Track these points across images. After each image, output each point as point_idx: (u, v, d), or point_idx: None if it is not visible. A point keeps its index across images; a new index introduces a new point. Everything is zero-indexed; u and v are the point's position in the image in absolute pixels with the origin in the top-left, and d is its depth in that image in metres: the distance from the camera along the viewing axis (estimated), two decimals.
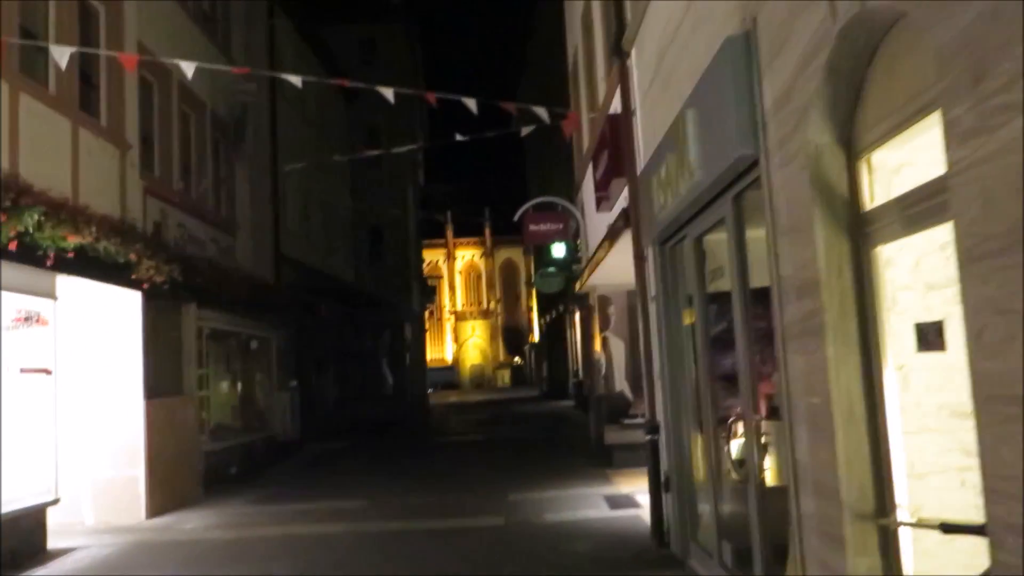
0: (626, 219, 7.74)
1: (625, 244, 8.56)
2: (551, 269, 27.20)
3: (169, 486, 10.75)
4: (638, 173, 7.44)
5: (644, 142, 7.38)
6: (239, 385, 15.86)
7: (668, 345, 6.91)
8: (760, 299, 4.95)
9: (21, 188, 7.58)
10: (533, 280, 42.42)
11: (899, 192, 3.18)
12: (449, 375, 73.61)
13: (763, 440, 4.93)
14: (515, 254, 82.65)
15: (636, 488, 10.41)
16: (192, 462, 11.71)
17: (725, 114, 4.26)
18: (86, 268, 8.84)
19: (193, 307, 12.30)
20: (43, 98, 9.20)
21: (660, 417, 7.31)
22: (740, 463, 5.49)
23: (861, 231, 3.40)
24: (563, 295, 29.39)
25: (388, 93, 8.63)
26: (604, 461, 12.69)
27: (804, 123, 3.47)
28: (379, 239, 28.11)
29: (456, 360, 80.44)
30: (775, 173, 3.88)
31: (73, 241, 8.16)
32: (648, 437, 7.45)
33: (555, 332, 35.98)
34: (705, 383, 6.00)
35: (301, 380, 19.20)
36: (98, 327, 10.28)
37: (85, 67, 10.48)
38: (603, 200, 9.87)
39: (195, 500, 11.23)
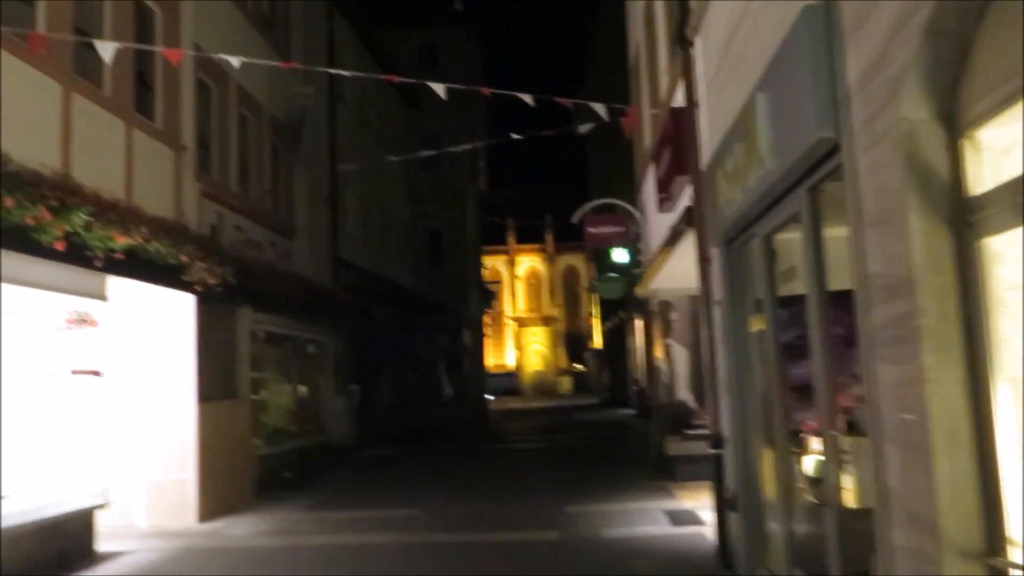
0: (689, 218, 7.28)
1: (688, 246, 8.09)
2: (612, 275, 26.75)
3: (221, 490, 10.63)
4: (702, 169, 6.98)
5: (709, 136, 6.91)
6: (295, 389, 15.78)
7: (734, 353, 6.42)
8: (837, 303, 4.50)
9: (69, 188, 7.49)
10: (593, 286, 41.89)
11: (1010, 176, 2.70)
12: (510, 381, 73.35)
13: (842, 458, 4.44)
14: (577, 261, 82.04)
15: (699, 503, 9.89)
16: (245, 466, 11.59)
17: (801, 94, 3.81)
18: (136, 269, 8.75)
19: (248, 310, 12.21)
20: (97, 99, 9.16)
21: (726, 430, 6.82)
22: (815, 481, 4.99)
23: (964, 221, 2.92)
24: (624, 301, 28.81)
25: (440, 89, 8.36)
26: (665, 473, 12.16)
27: (896, 97, 3.01)
28: (438, 244, 27.99)
29: (518, 366, 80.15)
30: (860, 157, 3.42)
31: (122, 242, 8.05)
32: (713, 451, 6.95)
33: (616, 339, 35.37)
34: (775, 394, 5.50)
35: (358, 384, 19.11)
36: (151, 329, 10.23)
37: (141, 68, 10.46)
38: (665, 200, 9.41)
39: (247, 505, 11.10)
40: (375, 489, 12.68)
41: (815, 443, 5.34)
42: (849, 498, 4.50)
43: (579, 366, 76.89)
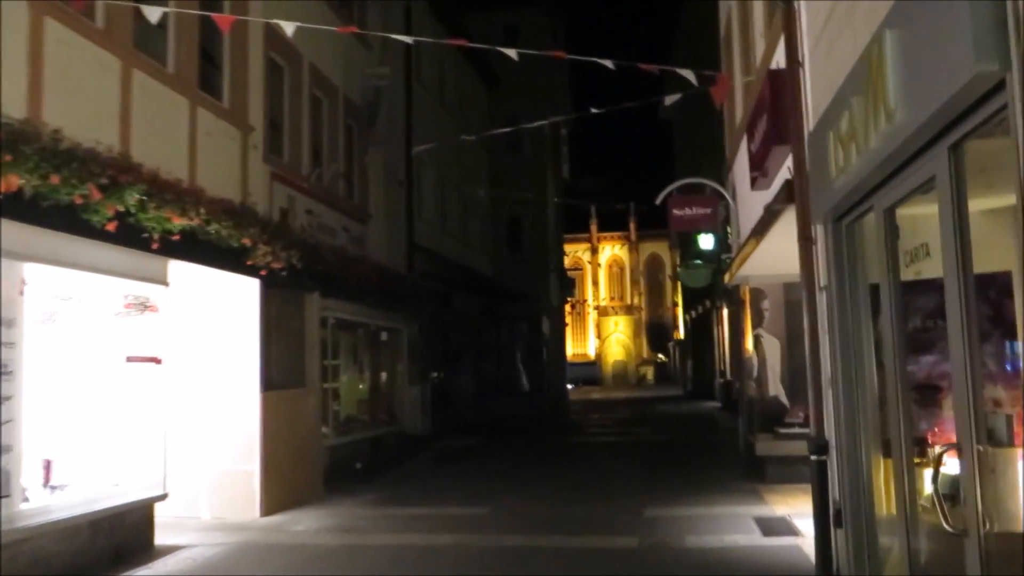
0: (789, 193, 6.43)
1: (786, 225, 7.23)
2: (697, 262, 25.62)
3: (287, 482, 10.28)
4: (806, 136, 6.12)
5: (814, 98, 6.05)
6: (368, 377, 15.44)
7: (842, 346, 5.57)
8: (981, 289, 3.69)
9: (122, 166, 7.14)
10: (677, 274, 40.66)
11: None
12: (591, 371, 72.59)
13: (988, 475, 3.62)
14: (660, 248, 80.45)
15: (793, 510, 9.03)
16: (313, 457, 11.24)
17: (952, 19, 3.00)
18: (196, 252, 8.40)
19: (316, 296, 11.84)
20: (159, 76, 8.83)
21: (830, 434, 5.97)
22: (949, 498, 4.17)
23: None
24: (710, 290, 27.65)
25: (512, 54, 7.71)
26: (754, 474, 11.29)
27: None
28: (517, 230, 27.37)
29: (599, 356, 79.26)
30: None
31: (179, 223, 7.69)
32: (814, 457, 6.11)
33: (701, 329, 34.19)
34: (895, 395, 4.66)
35: (434, 373, 18.71)
36: (214, 315, 9.93)
37: (207, 46, 10.14)
38: (759, 177, 8.52)
39: (315, 496, 10.74)
40: (446, 483, 12.17)
41: (946, 455, 4.52)
42: (997, 521, 3.69)
43: (661, 356, 75.46)
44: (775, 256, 9.20)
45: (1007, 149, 3.44)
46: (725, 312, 26.31)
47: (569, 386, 41.50)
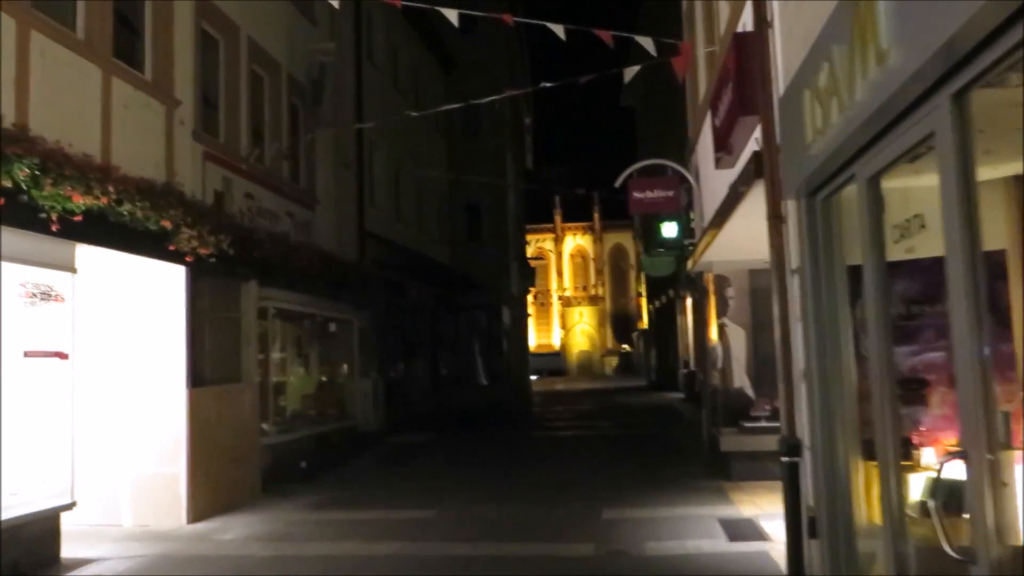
0: (757, 167, 5.82)
1: (753, 204, 6.63)
2: (660, 250, 25.13)
3: (218, 485, 9.51)
4: (776, 102, 5.51)
5: (784, 59, 5.44)
6: (315, 371, 14.66)
7: (817, 335, 4.97)
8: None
9: (10, 136, 6.31)
10: (641, 262, 40.24)
11: None
12: (556, 361, 72.15)
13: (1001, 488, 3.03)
14: (624, 239, 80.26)
15: (760, 511, 8.49)
16: (248, 457, 10.47)
17: None
18: (107, 236, 7.60)
19: (253, 285, 11.04)
20: (65, 41, 7.96)
21: (803, 432, 5.38)
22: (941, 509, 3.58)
23: None
24: (674, 279, 27.21)
25: (453, 16, 6.99)
26: (719, 471, 10.75)
27: None
28: (476, 217, 26.61)
29: (563, 346, 78.91)
30: None
31: (82, 202, 6.87)
32: (785, 458, 5.52)
33: (664, 319, 33.79)
34: (880, 389, 4.06)
35: (387, 366, 17.96)
36: (136, 306, 9.10)
37: (125, 12, 9.27)
38: (723, 155, 7.93)
39: (249, 500, 9.98)
40: (393, 483, 11.47)
41: (935, 458, 3.95)
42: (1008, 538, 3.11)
43: (626, 347, 75.29)
44: (741, 240, 8.63)
45: (1014, 105, 2.84)
46: (689, 301, 25.88)
47: (533, 377, 40.96)
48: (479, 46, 27.17)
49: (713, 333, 11.97)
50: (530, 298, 41.85)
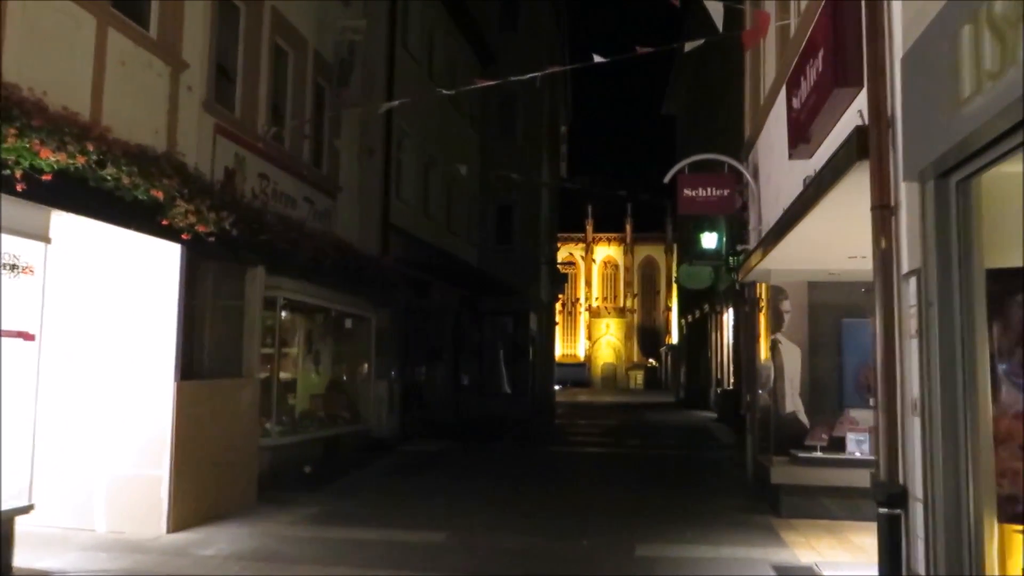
0: (861, 145, 4.68)
1: (842, 196, 5.53)
2: (698, 263, 23.91)
3: (206, 490, 8.52)
4: (894, 63, 4.40)
5: (909, 9, 4.33)
6: (327, 369, 13.69)
7: (942, 357, 3.85)
8: None
9: None
10: (676, 275, 38.98)
11: None
12: (580, 372, 70.97)
13: None
14: (656, 251, 78.95)
15: (820, 557, 7.34)
16: (245, 460, 9.48)
17: None
18: (86, 203, 6.65)
19: (261, 271, 10.07)
20: None
21: (912, 480, 4.25)
22: None
23: None
24: (709, 293, 25.97)
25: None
26: (766, 505, 9.59)
27: None
28: (508, 219, 25.52)
29: (588, 357, 77.68)
30: None
31: (52, 159, 5.92)
32: (883, 510, 4.39)
33: (697, 334, 32.51)
34: None
35: (406, 369, 16.96)
36: (122, 286, 8.15)
37: None
38: (801, 145, 6.79)
39: (242, 508, 8.98)
40: (403, 497, 10.42)
41: None
42: None
43: (652, 361, 73.80)
44: (811, 244, 7.52)
45: None
46: (726, 316, 24.62)
47: (557, 387, 39.82)
48: (519, 43, 26.17)
49: (764, 350, 10.80)
50: (557, 306, 40.76)
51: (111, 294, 8.12)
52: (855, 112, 5.36)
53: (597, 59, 7.59)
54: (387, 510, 9.45)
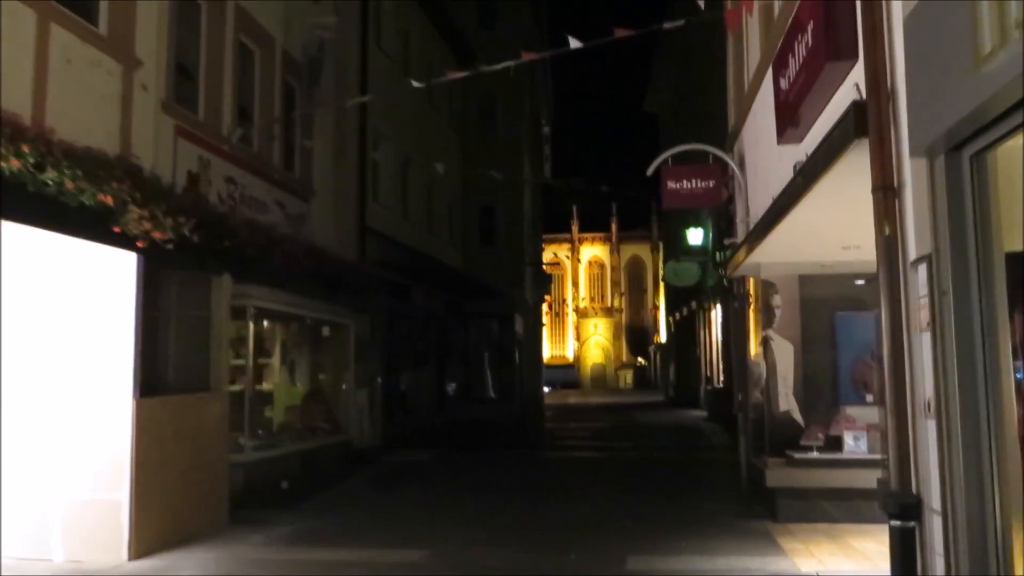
0: (859, 122, 4.28)
1: (836, 181, 5.14)
2: (684, 260, 23.59)
3: (172, 513, 8.04)
4: (893, 26, 4.00)
5: None
6: (304, 380, 13.22)
7: (960, 352, 3.45)
8: None
9: None
10: (663, 273, 38.63)
11: None
12: (569, 374, 70.64)
13: None
14: (642, 250, 78.80)
15: (821, 566, 6.95)
16: (214, 479, 8.99)
17: None
18: (22, 209, 6.16)
19: (227, 279, 9.59)
20: None
21: (928, 489, 3.85)
22: None
23: None
24: (696, 290, 25.64)
25: None
26: (761, 509, 9.20)
27: None
28: (490, 220, 25.09)
29: (577, 358, 77.39)
30: None
31: None
32: (896, 522, 3.98)
33: (685, 332, 32.20)
34: None
35: (389, 376, 16.51)
36: (75, 299, 7.67)
37: None
38: (790, 129, 6.40)
39: (212, 531, 8.50)
40: (384, 511, 9.96)
41: None
42: None
43: (641, 360, 73.54)
44: (804, 235, 7.13)
45: None
46: (715, 313, 24.28)
47: (546, 389, 39.43)
48: (498, 41, 25.73)
49: (754, 347, 10.41)
50: (544, 308, 40.33)
51: (64, 307, 7.64)
52: (849, 89, 4.97)
53: (574, 43, 7.18)
54: (366, 527, 8.99)
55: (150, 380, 8.07)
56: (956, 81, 3.21)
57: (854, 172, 4.74)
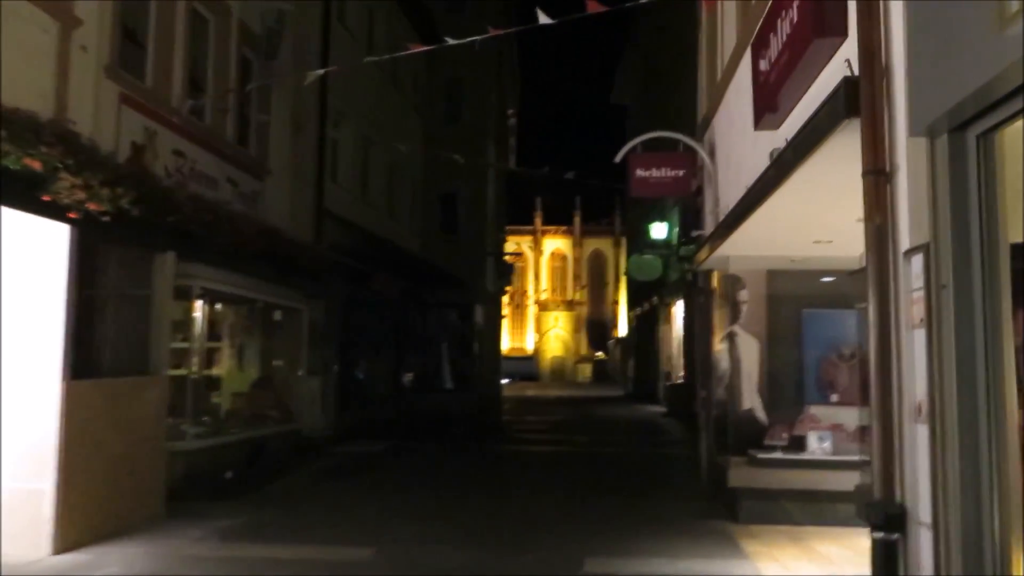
0: (849, 100, 3.95)
1: (818, 167, 4.83)
2: (647, 254, 23.36)
3: (101, 505, 7.54)
4: None
5: None
6: (252, 365, 12.69)
7: (959, 351, 3.15)
8: None
9: None
10: (625, 267, 38.50)
11: None
12: (529, 366, 70.40)
13: None
14: (604, 245, 78.80)
15: (784, 570, 6.74)
16: (150, 468, 8.48)
17: None
18: None
19: (171, 257, 9.06)
20: None
21: (916, 499, 3.55)
22: None
23: None
24: (658, 285, 25.46)
25: None
26: (723, 509, 8.95)
27: None
28: (452, 208, 24.63)
29: (537, 351, 77.20)
30: None
31: None
32: (879, 534, 3.68)
33: (646, 327, 32.08)
34: None
35: (344, 364, 16.02)
36: (1, 273, 7.11)
37: None
38: (768, 115, 6.09)
39: (146, 522, 8.00)
40: (332, 504, 9.53)
41: None
42: None
43: (600, 354, 73.58)
44: (779, 225, 6.84)
45: None
46: (676, 308, 24.13)
47: (505, 381, 39.13)
48: (465, 25, 25.26)
49: (719, 343, 10.15)
50: (505, 299, 39.99)
51: None
52: (834, 70, 4.67)
53: (543, 19, 6.79)
54: (311, 521, 8.56)
55: (83, 362, 7.54)
56: (968, 49, 2.90)
57: (839, 157, 4.44)
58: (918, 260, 3.44)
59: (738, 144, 7.96)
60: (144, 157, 9.39)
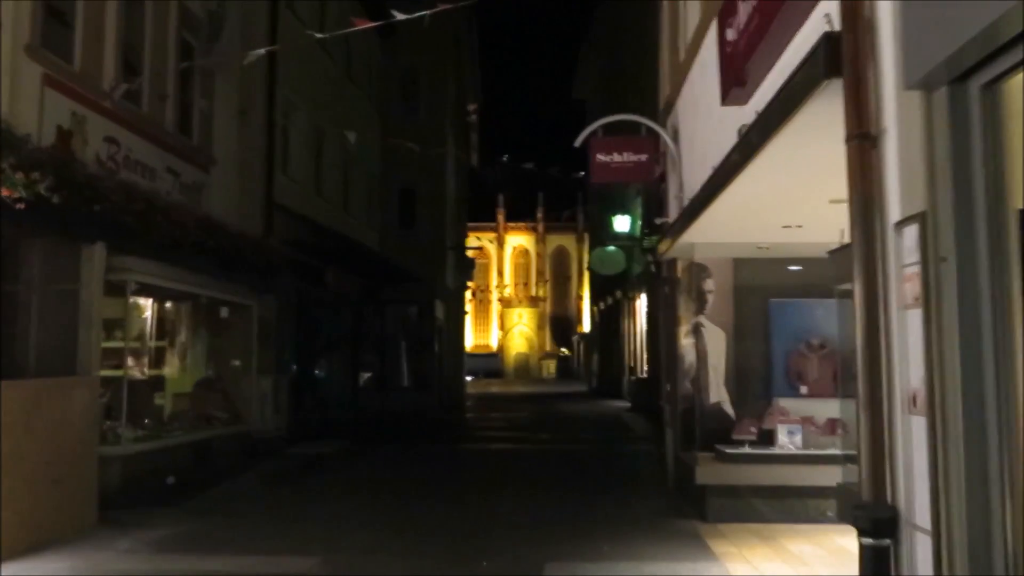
0: (830, 58, 3.55)
1: (791, 139, 4.44)
2: (610, 248, 23.01)
3: (21, 514, 6.91)
4: None
5: None
6: (196, 365, 12.08)
7: (963, 335, 2.76)
8: None
9: None
10: (587, 262, 38.20)
11: None
12: (493, 363, 70.09)
13: None
14: (567, 241, 78.70)
15: (754, 570, 6.36)
16: (79, 475, 7.87)
17: None
18: None
19: (100, 249, 8.46)
20: None
21: (912, 501, 3.16)
22: None
23: None
24: (621, 279, 25.17)
25: None
26: (690, 507, 8.58)
27: None
28: (411, 203, 24.04)
29: (501, 348, 76.87)
30: None
31: None
32: (868, 540, 3.29)
33: (609, 322, 31.82)
34: None
35: (298, 363, 15.44)
36: None
37: None
38: (736, 90, 5.69)
39: (75, 532, 7.40)
40: (277, 511, 8.99)
41: None
42: None
43: (565, 350, 73.41)
44: (747, 208, 6.47)
45: None
46: (639, 302, 23.86)
47: (468, 378, 38.64)
48: (424, 9, 24.73)
49: (684, 335, 9.79)
50: (468, 295, 39.50)
51: None
52: (807, 35, 4.29)
53: None
54: (254, 529, 8.01)
55: (3, 362, 6.94)
56: None
57: (815, 127, 4.06)
58: (912, 232, 3.05)
59: (703, 125, 7.58)
60: (71, 143, 8.79)
